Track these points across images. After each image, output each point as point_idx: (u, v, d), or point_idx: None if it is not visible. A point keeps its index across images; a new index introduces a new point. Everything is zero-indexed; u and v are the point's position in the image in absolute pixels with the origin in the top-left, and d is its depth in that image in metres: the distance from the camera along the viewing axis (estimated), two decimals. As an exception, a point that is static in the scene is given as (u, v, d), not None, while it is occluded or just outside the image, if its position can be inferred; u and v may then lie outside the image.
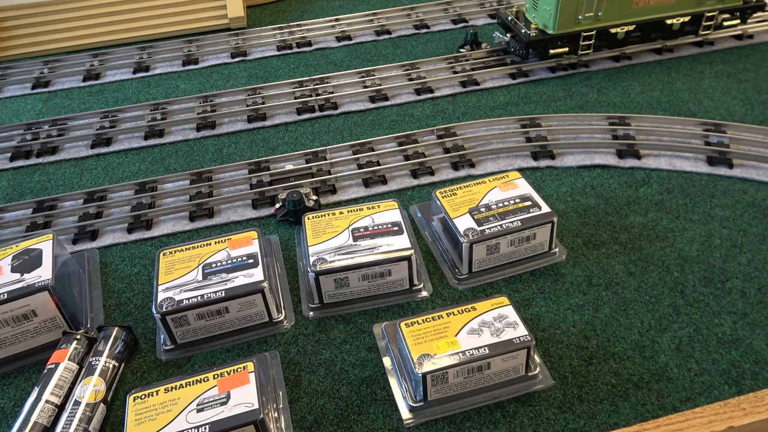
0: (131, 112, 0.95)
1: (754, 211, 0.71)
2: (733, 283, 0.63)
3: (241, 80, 1.02)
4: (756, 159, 0.77)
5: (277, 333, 0.61)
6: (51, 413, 0.52)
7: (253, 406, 0.49)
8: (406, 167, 0.80)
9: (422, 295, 0.63)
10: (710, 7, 0.97)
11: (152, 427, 0.48)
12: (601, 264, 0.66)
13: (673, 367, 0.55)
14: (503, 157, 0.81)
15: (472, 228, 0.62)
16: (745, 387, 0.54)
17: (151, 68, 1.07)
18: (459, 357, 0.50)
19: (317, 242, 0.62)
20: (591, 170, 0.78)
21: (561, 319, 0.60)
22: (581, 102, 0.91)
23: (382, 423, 0.53)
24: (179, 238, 0.72)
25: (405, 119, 0.90)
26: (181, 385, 0.51)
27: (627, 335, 0.58)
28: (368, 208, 0.66)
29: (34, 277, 0.58)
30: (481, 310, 0.54)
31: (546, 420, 0.52)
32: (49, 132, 0.91)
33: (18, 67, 1.08)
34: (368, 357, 0.58)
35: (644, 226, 0.70)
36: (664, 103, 0.89)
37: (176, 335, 0.59)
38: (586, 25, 0.94)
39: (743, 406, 0.51)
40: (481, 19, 1.15)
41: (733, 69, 0.96)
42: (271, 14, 1.22)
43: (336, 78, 1.00)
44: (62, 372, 0.54)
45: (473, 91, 0.95)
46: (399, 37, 1.11)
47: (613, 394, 0.54)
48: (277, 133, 0.89)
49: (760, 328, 0.58)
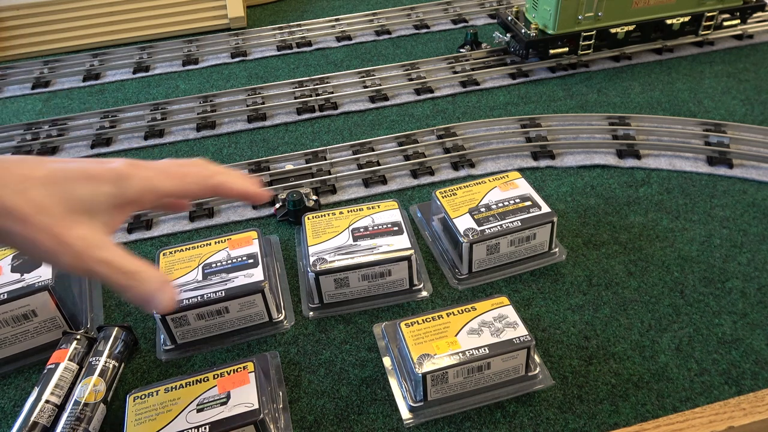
0: (131, 112, 0.95)
1: (754, 211, 0.71)
2: (733, 283, 0.63)
3: (241, 80, 1.02)
4: (756, 159, 0.77)
5: (277, 333, 0.61)
6: (51, 413, 0.52)
7: (253, 406, 0.49)
8: (406, 167, 0.80)
9: (422, 295, 0.63)
10: (710, 7, 0.97)
11: (152, 427, 0.48)
12: (601, 264, 0.66)
13: (673, 367, 0.55)
14: (503, 157, 0.81)
15: (472, 228, 0.62)
16: (745, 387, 0.54)
17: (151, 68, 1.07)
18: (459, 357, 0.50)
19: (317, 242, 0.62)
20: (591, 170, 0.78)
21: (561, 319, 0.60)
22: (581, 102, 0.91)
23: (382, 423, 0.53)
24: (179, 238, 0.72)
25: (405, 119, 0.90)
26: (181, 385, 0.51)
27: (627, 335, 0.58)
28: (368, 208, 0.66)
29: (34, 277, 0.58)
30: (481, 310, 0.54)
31: (546, 420, 0.52)
32: (49, 132, 0.91)
33: (18, 67, 1.08)
34: (368, 357, 0.58)
35: (644, 226, 0.70)
36: (664, 103, 0.89)
37: (176, 335, 0.59)
38: (586, 25, 0.94)
39: (743, 406, 0.51)
40: (481, 19, 1.15)
41: (733, 69, 0.96)
42: (271, 14, 1.22)
43: (336, 78, 1.00)
44: (62, 372, 0.54)
45: (473, 91, 0.95)
46: (399, 37, 1.11)
47: (613, 394, 0.54)
48: (277, 133, 0.89)
49: (760, 328, 0.58)
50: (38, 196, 0.37)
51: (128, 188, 0.40)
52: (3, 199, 0.36)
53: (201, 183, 0.44)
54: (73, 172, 0.39)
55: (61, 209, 0.37)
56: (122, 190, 0.40)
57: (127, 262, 0.39)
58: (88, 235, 0.38)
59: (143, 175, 0.41)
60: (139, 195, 0.41)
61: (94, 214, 0.39)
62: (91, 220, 0.39)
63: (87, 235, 0.38)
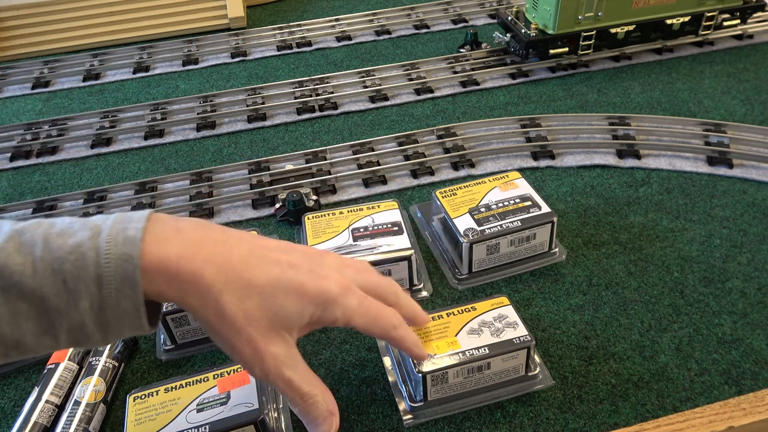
0: (131, 112, 0.95)
1: (754, 211, 0.71)
2: (733, 283, 0.63)
3: (241, 80, 1.02)
4: (756, 159, 0.77)
5: (277, 333, 0.61)
6: (51, 413, 0.52)
7: (253, 406, 0.49)
8: (406, 167, 0.80)
9: (422, 295, 0.63)
10: (710, 7, 0.97)
11: (152, 427, 0.48)
12: (601, 264, 0.66)
13: (673, 367, 0.55)
14: (503, 157, 0.81)
15: (472, 228, 0.62)
16: (745, 387, 0.54)
17: (151, 68, 1.07)
18: (459, 357, 0.50)
19: (317, 242, 0.62)
20: (591, 170, 0.78)
21: (561, 319, 0.60)
22: (581, 102, 0.91)
23: (382, 423, 0.53)
24: (179, 238, 0.72)
25: (405, 119, 0.90)
26: (181, 385, 0.51)
27: (627, 335, 0.58)
28: (368, 208, 0.66)
29: (34, 277, 0.58)
30: (481, 310, 0.54)
31: (546, 420, 0.52)
32: (49, 132, 0.91)
33: (18, 67, 1.08)
34: (368, 357, 0.58)
35: (644, 226, 0.70)
36: (664, 103, 0.89)
37: (176, 335, 0.59)
38: (586, 25, 0.94)
39: (743, 406, 0.51)
40: (481, 19, 1.15)
41: (733, 69, 0.96)
42: (271, 14, 1.22)
43: (336, 78, 1.00)
44: (62, 372, 0.54)
45: (473, 91, 0.95)
46: (399, 37, 1.11)
47: (613, 394, 0.54)
48: (277, 133, 0.89)
49: (760, 328, 0.58)
50: (252, 307, 0.39)
51: (329, 315, 0.42)
52: (223, 307, 0.39)
53: (386, 333, 0.45)
54: (290, 285, 0.40)
55: (266, 323, 0.40)
56: (324, 314, 0.42)
57: (305, 385, 0.41)
58: (281, 354, 0.40)
59: (348, 305, 0.42)
60: (333, 323, 0.42)
61: (292, 329, 0.41)
62: (288, 335, 0.41)
63: (280, 353, 0.40)
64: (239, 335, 0.39)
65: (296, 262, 0.42)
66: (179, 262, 0.38)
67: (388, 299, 0.46)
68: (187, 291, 0.38)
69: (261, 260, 0.41)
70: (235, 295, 0.39)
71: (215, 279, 0.38)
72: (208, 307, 0.39)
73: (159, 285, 0.37)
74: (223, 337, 0.40)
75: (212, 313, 0.39)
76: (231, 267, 0.39)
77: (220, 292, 0.38)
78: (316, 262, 0.43)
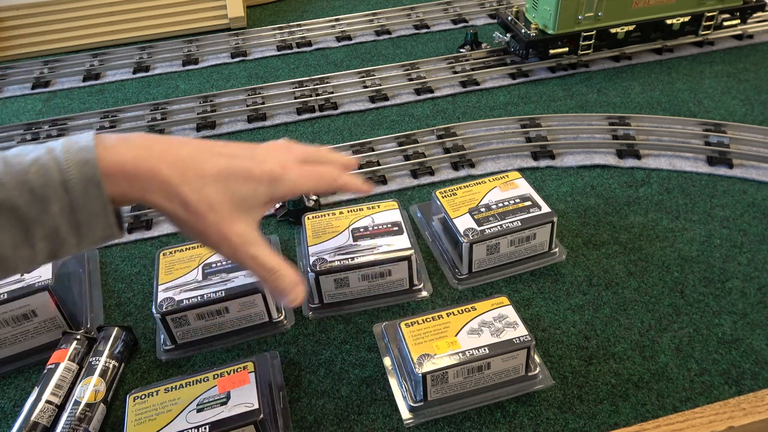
0: (131, 112, 0.95)
1: (754, 211, 0.71)
2: (733, 283, 0.63)
3: (241, 80, 1.02)
4: (756, 159, 0.77)
5: (277, 333, 0.61)
6: (51, 413, 0.52)
7: (253, 406, 0.49)
8: (406, 167, 0.80)
9: (422, 295, 0.63)
10: (710, 7, 0.97)
11: (152, 427, 0.48)
12: (601, 264, 0.66)
13: (673, 367, 0.55)
14: (503, 157, 0.81)
15: (472, 228, 0.62)
16: (745, 387, 0.54)
17: (151, 68, 1.07)
18: (459, 357, 0.50)
19: (317, 242, 0.62)
20: (591, 170, 0.78)
21: (561, 319, 0.60)
22: (581, 102, 0.91)
23: (382, 423, 0.53)
24: (179, 238, 0.72)
25: (405, 119, 0.90)
26: (181, 385, 0.51)
27: (627, 335, 0.58)
28: (368, 208, 0.66)
29: (34, 277, 0.58)
30: (481, 310, 0.54)
31: (546, 420, 0.52)
32: (49, 132, 0.91)
33: (18, 67, 1.08)
34: (368, 357, 0.58)
35: (644, 226, 0.70)
36: (664, 103, 0.89)
37: (176, 335, 0.59)
38: (586, 25, 0.94)
39: (743, 406, 0.51)
40: (481, 19, 1.15)
41: (733, 69, 0.96)
42: (271, 14, 1.22)
43: (336, 78, 1.00)
44: (62, 372, 0.54)
45: (473, 91, 0.95)
46: (399, 37, 1.11)
47: (613, 394, 0.54)
48: (277, 133, 0.89)
49: (760, 328, 0.58)
50: (212, 194, 0.43)
51: (278, 190, 0.46)
52: (185, 197, 0.42)
53: (331, 184, 0.51)
54: (238, 172, 0.45)
55: (227, 207, 0.44)
56: (273, 190, 0.46)
57: (270, 260, 0.46)
58: (244, 232, 0.44)
59: (291, 177, 0.47)
60: (284, 196, 0.48)
61: (250, 211, 0.45)
62: (247, 217, 0.45)
63: (243, 232, 0.44)
64: (205, 220, 0.43)
65: (237, 153, 0.46)
66: (136, 162, 0.41)
67: (321, 161, 0.52)
68: (150, 188, 0.41)
69: (207, 155, 0.44)
70: (193, 185, 0.42)
71: (172, 174, 0.42)
72: (173, 199, 0.42)
73: (121, 186, 0.40)
74: (191, 226, 0.43)
75: (177, 204, 0.42)
76: (183, 163, 0.43)
77: (179, 185, 0.42)
78: (252, 152, 0.47)
